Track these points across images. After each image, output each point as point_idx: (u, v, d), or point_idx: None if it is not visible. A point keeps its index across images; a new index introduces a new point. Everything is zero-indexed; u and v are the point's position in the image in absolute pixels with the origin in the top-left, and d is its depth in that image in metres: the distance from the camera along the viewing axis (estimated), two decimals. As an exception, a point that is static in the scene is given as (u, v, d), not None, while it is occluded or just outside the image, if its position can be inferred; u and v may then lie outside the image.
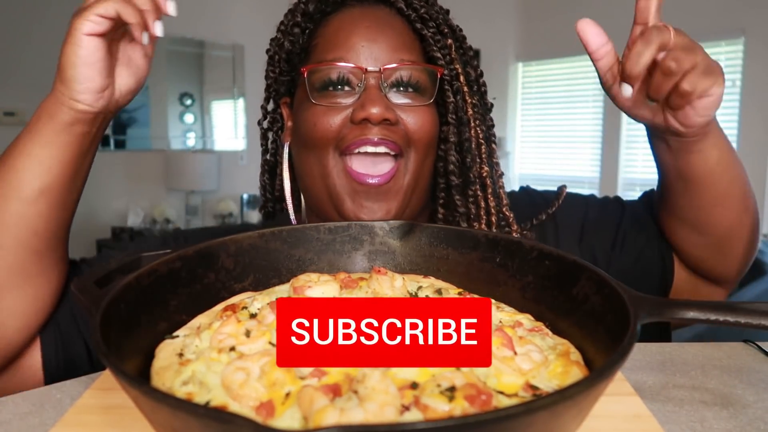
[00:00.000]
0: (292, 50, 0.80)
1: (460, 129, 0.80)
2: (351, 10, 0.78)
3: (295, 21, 0.80)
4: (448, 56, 0.79)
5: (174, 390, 0.39)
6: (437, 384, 0.36)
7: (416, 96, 0.76)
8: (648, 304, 0.41)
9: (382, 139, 0.72)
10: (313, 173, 0.77)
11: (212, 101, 4.73)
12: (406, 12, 0.78)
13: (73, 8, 0.63)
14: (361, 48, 0.74)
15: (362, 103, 0.72)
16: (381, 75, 0.73)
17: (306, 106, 0.76)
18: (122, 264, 0.50)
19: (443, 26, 0.79)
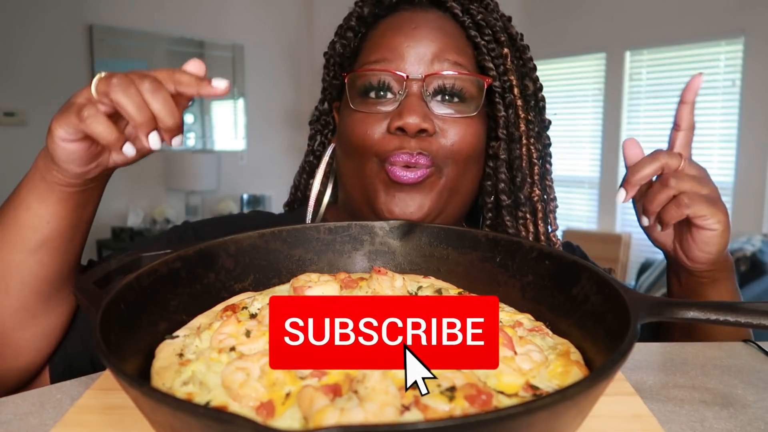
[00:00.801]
0: (344, 53, 0.79)
1: (511, 146, 0.76)
2: (402, 13, 0.76)
3: (349, 25, 0.79)
4: (502, 66, 0.75)
5: (174, 390, 0.40)
6: (437, 384, 0.36)
7: (460, 106, 0.73)
8: (648, 304, 0.41)
9: (420, 153, 0.70)
10: (351, 176, 0.76)
11: (212, 101, 4.73)
12: (461, 17, 0.75)
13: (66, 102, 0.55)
14: (405, 49, 0.71)
15: (400, 111, 0.69)
16: (423, 82, 0.70)
17: (347, 112, 0.75)
18: (122, 264, 0.50)
19: (500, 34, 0.76)
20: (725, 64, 4.00)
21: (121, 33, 4.10)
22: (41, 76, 3.73)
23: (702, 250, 0.68)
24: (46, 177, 0.57)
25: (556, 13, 4.77)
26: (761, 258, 3.21)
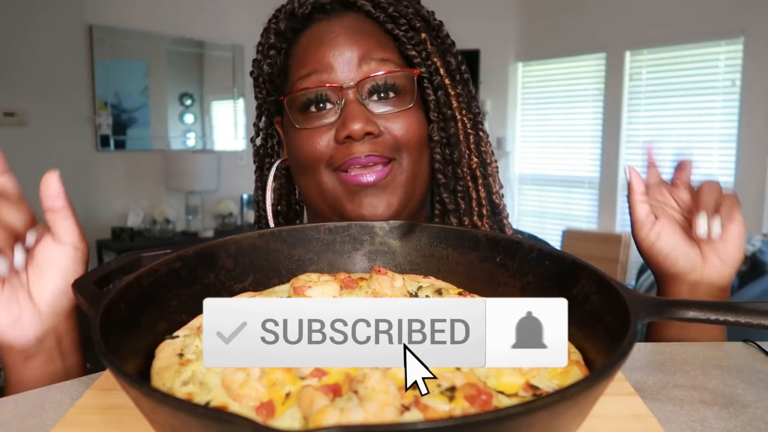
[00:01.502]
0: (272, 72, 0.80)
1: (446, 125, 0.78)
2: (319, 24, 0.76)
3: (270, 42, 0.79)
4: (424, 52, 0.77)
5: (174, 390, 0.40)
6: (437, 384, 0.36)
7: (397, 101, 0.74)
8: (648, 304, 0.41)
9: (370, 155, 0.72)
10: (310, 190, 0.78)
11: (212, 101, 4.73)
12: (375, 14, 0.76)
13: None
14: (332, 59, 0.73)
15: (343, 120, 0.71)
16: (357, 87, 0.72)
17: (292, 131, 0.76)
18: (122, 264, 0.50)
19: (415, 20, 0.77)
20: (725, 64, 4.00)
21: (121, 33, 4.10)
22: (41, 76, 3.73)
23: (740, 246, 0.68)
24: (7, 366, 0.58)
25: (556, 13, 4.77)
26: (761, 258, 3.21)
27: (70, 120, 3.92)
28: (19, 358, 0.58)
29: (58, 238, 0.57)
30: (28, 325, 0.57)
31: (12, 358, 0.58)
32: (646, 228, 0.71)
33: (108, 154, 4.13)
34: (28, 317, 0.57)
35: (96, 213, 4.01)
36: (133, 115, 4.28)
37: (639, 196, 0.71)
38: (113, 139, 4.14)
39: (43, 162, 3.84)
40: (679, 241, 0.70)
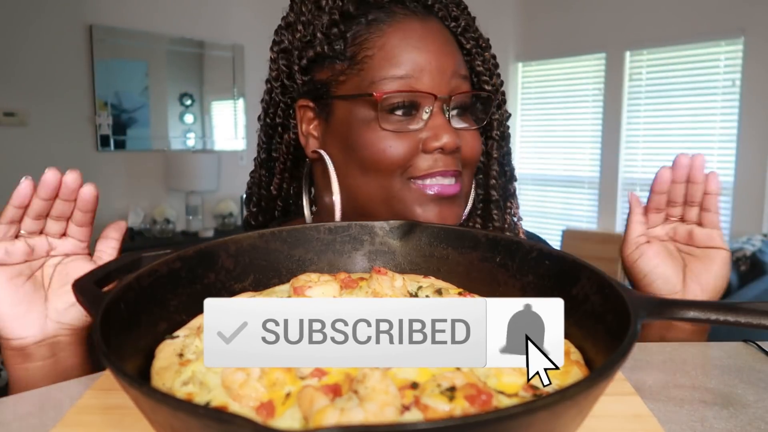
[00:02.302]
0: (326, 53, 0.74)
1: (501, 143, 0.81)
2: (407, 21, 0.73)
3: (333, 20, 0.73)
4: (488, 71, 0.78)
5: (174, 390, 0.40)
6: (437, 384, 0.36)
7: (471, 119, 0.77)
8: (648, 304, 0.41)
9: (455, 170, 0.72)
10: (371, 194, 0.73)
11: (212, 101, 4.73)
12: (449, 23, 0.76)
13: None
14: (426, 68, 0.71)
15: (435, 132, 0.70)
16: (448, 101, 0.72)
17: (371, 127, 0.71)
18: (122, 264, 0.50)
19: (480, 38, 0.79)
20: (725, 64, 4.00)
21: (121, 33, 4.10)
22: (41, 76, 3.73)
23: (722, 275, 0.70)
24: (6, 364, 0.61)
25: (556, 13, 4.77)
26: (761, 258, 3.21)
27: (70, 120, 3.92)
28: (14, 354, 0.60)
29: (97, 260, 0.64)
30: (31, 325, 0.59)
31: (8, 352, 0.60)
32: (632, 246, 0.73)
33: (108, 154, 4.12)
34: (33, 317, 0.59)
35: (96, 213, 4.00)
36: (133, 115, 4.28)
37: (636, 216, 0.74)
38: (113, 139, 4.14)
39: (43, 162, 3.83)
40: (660, 264, 0.71)
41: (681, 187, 0.71)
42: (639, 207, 0.74)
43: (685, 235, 0.72)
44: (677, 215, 0.73)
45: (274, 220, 0.90)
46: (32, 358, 0.60)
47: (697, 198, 0.71)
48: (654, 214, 0.74)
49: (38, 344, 0.60)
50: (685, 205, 0.72)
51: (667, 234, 0.74)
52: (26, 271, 0.59)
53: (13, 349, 0.60)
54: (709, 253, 0.70)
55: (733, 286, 3.01)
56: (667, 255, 0.72)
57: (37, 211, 0.58)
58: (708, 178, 0.70)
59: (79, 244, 0.62)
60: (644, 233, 0.73)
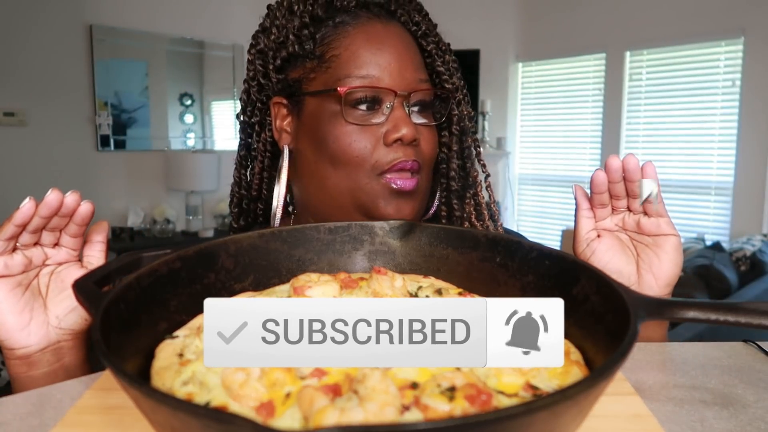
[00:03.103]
0: (297, 52, 0.79)
1: (461, 138, 0.85)
2: (370, 23, 0.79)
3: (304, 22, 0.79)
4: (449, 71, 0.83)
5: (174, 390, 0.40)
6: (437, 384, 0.36)
7: (429, 116, 0.81)
8: (648, 304, 0.41)
9: (414, 160, 0.76)
10: (339, 186, 0.77)
11: (212, 101, 4.73)
12: (411, 28, 0.81)
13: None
14: (387, 67, 0.76)
15: (395, 124, 0.75)
16: (408, 97, 0.76)
17: (333, 124, 0.76)
18: (122, 264, 0.50)
19: (440, 42, 0.84)
20: (725, 64, 4.00)
21: (121, 33, 4.10)
22: (41, 76, 3.73)
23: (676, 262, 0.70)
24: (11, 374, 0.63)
25: (556, 13, 4.77)
26: (761, 258, 3.21)
27: (70, 120, 3.92)
28: (20, 363, 0.61)
29: (87, 265, 0.65)
30: (34, 333, 0.61)
31: (12, 361, 0.61)
32: (583, 244, 0.73)
33: (108, 154, 4.13)
34: (36, 325, 0.61)
35: (96, 213, 3.99)
36: (133, 115, 4.28)
37: (583, 212, 0.74)
38: (113, 139, 4.14)
39: (43, 162, 3.85)
40: (612, 258, 0.72)
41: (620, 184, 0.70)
42: (585, 201, 0.73)
43: (634, 225, 0.72)
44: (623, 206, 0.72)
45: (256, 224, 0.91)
46: (38, 365, 0.62)
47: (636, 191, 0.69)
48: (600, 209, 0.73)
49: (43, 351, 0.62)
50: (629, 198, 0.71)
51: (616, 224, 0.73)
52: (24, 282, 0.61)
53: (19, 359, 0.61)
54: (659, 240, 0.70)
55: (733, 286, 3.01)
56: (619, 248, 0.72)
57: (36, 227, 0.60)
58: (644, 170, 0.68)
59: (72, 252, 0.64)
60: (594, 228, 0.73)
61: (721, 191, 4.09)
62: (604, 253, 0.72)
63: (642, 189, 0.68)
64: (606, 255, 0.72)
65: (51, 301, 0.63)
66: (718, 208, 4.10)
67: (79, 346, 0.65)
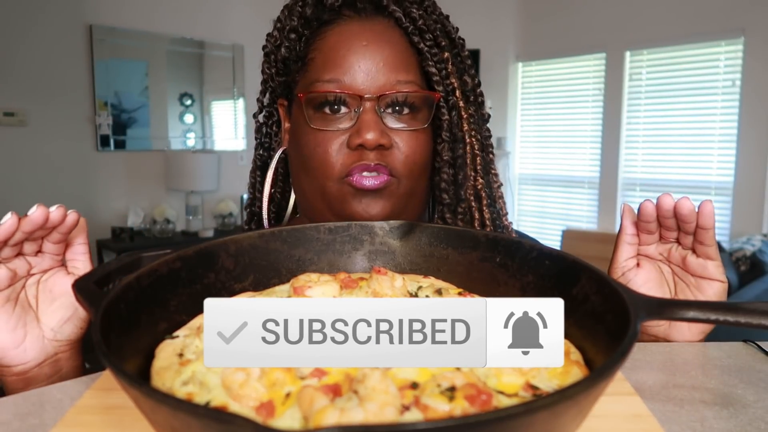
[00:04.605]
0: (288, 56, 0.79)
1: (454, 146, 0.78)
2: (349, 22, 0.76)
3: (292, 25, 0.78)
4: (444, 70, 0.77)
5: (174, 390, 0.40)
6: (437, 384, 0.36)
7: (412, 119, 0.75)
8: (648, 304, 0.41)
9: (378, 164, 0.72)
10: (312, 190, 0.77)
11: (212, 101, 4.73)
12: (404, 23, 0.76)
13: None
14: (357, 69, 0.73)
15: (358, 129, 0.72)
16: (377, 100, 0.72)
17: (304, 129, 0.75)
18: (122, 264, 0.50)
19: (441, 38, 0.77)
20: (725, 64, 4.01)
21: (121, 33, 4.10)
22: (41, 76, 3.73)
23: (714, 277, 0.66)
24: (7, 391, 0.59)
25: (556, 13, 4.77)
26: (761, 258, 3.21)
27: (70, 120, 3.92)
28: (17, 379, 0.59)
29: (73, 270, 0.62)
30: (30, 349, 0.59)
31: (9, 378, 0.59)
32: (619, 272, 0.69)
33: (108, 154, 4.12)
34: (31, 341, 0.59)
35: (96, 213, 4.00)
36: (133, 115, 4.28)
37: (627, 237, 0.69)
38: (113, 139, 4.14)
39: (43, 162, 3.85)
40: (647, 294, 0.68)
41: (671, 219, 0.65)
42: (631, 226, 0.69)
43: (680, 260, 0.67)
44: (673, 237, 0.67)
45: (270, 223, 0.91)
46: (36, 380, 0.60)
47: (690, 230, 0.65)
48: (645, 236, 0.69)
49: (41, 366, 0.60)
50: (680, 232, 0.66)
51: (661, 254, 0.69)
52: (12, 296, 0.58)
53: (16, 375, 0.59)
54: (702, 284, 0.66)
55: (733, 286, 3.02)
56: (656, 284, 0.68)
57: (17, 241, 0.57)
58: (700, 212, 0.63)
59: (55, 258, 0.62)
60: (634, 255, 0.69)
61: (721, 191, 4.09)
62: (639, 287, 0.67)
63: None
64: (641, 289, 0.67)
65: (43, 313, 0.60)
66: (718, 208, 4.10)
67: (77, 354, 0.63)
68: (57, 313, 0.60)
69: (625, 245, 0.69)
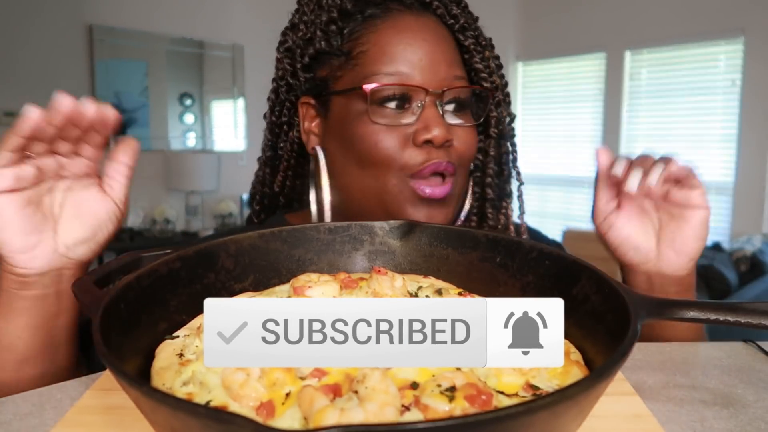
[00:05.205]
0: (324, 49, 0.76)
1: (500, 142, 0.80)
2: (401, 17, 0.74)
3: (331, 17, 0.75)
4: (488, 68, 0.78)
5: (174, 390, 0.40)
6: (437, 384, 0.36)
7: (467, 115, 0.76)
8: (648, 304, 0.41)
9: (449, 162, 0.72)
10: (367, 188, 0.74)
11: (212, 101, 4.73)
12: (448, 20, 0.76)
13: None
14: (421, 64, 0.72)
15: (425, 124, 0.71)
16: (441, 95, 0.72)
17: (361, 123, 0.73)
18: (122, 264, 0.50)
19: (480, 36, 0.78)
20: (725, 63, 4.01)
21: (121, 33, 4.10)
22: (41, 76, 3.73)
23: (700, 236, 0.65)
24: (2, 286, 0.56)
25: (556, 13, 4.77)
26: (761, 258, 3.21)
27: (70, 120, 3.92)
28: (15, 282, 0.56)
29: (108, 189, 0.59)
30: (39, 258, 0.56)
31: (8, 279, 0.56)
32: (601, 216, 0.69)
33: (108, 154, 4.12)
34: (42, 250, 0.56)
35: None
36: (133, 115, 4.28)
37: (602, 180, 0.69)
38: (113, 139, 4.13)
39: (43, 162, 3.84)
40: (631, 234, 0.67)
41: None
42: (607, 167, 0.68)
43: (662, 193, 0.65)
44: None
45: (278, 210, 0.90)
46: (32, 286, 0.57)
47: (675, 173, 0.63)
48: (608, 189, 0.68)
49: (42, 275, 0.57)
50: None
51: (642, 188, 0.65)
52: (35, 198, 0.54)
53: (15, 275, 0.56)
54: (685, 213, 0.65)
55: (733, 286, 3.02)
56: (639, 222, 0.67)
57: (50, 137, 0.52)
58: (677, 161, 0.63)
59: (90, 164, 0.57)
60: (614, 197, 0.68)
61: (722, 191, 4.09)
62: (622, 228, 0.68)
63: None
64: (624, 230, 0.67)
65: (62, 226, 0.57)
66: (719, 208, 4.10)
67: (82, 273, 0.60)
68: (76, 231, 0.57)
69: (603, 188, 0.69)
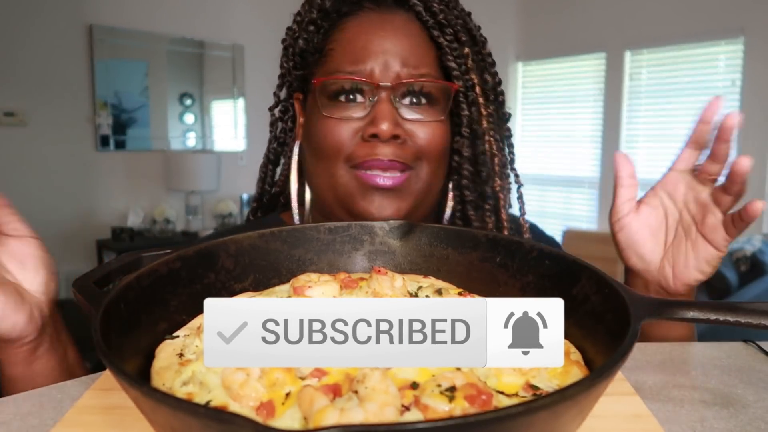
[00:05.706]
0: (306, 48, 0.79)
1: (474, 142, 0.78)
2: (368, 14, 0.76)
3: (311, 18, 0.78)
4: (463, 66, 0.77)
5: (174, 390, 0.40)
6: (437, 384, 0.36)
7: (429, 110, 0.74)
8: (648, 304, 0.41)
9: (392, 160, 0.71)
10: (321, 179, 0.76)
11: (212, 101, 4.73)
12: (424, 17, 0.76)
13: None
14: (374, 59, 0.72)
15: (372, 118, 0.71)
16: (393, 89, 0.72)
17: (316, 117, 0.75)
18: (122, 264, 0.50)
19: (461, 33, 0.77)
20: (725, 64, 4.00)
21: (121, 33, 4.10)
22: (41, 76, 3.73)
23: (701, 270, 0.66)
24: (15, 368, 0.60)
25: (556, 13, 4.77)
26: (761, 258, 3.20)
27: (70, 120, 3.92)
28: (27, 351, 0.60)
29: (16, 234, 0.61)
30: (38, 317, 0.60)
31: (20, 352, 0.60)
32: (617, 215, 0.70)
33: (108, 154, 4.13)
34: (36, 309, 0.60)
35: (96, 213, 4.01)
36: (133, 115, 4.28)
37: (623, 179, 0.70)
38: (113, 139, 4.14)
39: (43, 162, 3.85)
40: (639, 241, 0.68)
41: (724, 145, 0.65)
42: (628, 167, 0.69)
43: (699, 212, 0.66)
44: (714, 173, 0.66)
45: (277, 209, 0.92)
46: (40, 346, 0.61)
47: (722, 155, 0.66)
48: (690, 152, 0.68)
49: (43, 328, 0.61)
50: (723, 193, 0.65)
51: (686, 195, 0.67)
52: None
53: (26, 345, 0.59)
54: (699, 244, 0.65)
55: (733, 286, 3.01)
56: (650, 232, 0.68)
57: None
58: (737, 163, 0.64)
59: None
60: (631, 198, 0.69)
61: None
62: (633, 234, 0.68)
63: None
64: (634, 236, 0.68)
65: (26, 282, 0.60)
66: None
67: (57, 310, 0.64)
68: (36, 276, 0.61)
69: (623, 187, 0.70)
